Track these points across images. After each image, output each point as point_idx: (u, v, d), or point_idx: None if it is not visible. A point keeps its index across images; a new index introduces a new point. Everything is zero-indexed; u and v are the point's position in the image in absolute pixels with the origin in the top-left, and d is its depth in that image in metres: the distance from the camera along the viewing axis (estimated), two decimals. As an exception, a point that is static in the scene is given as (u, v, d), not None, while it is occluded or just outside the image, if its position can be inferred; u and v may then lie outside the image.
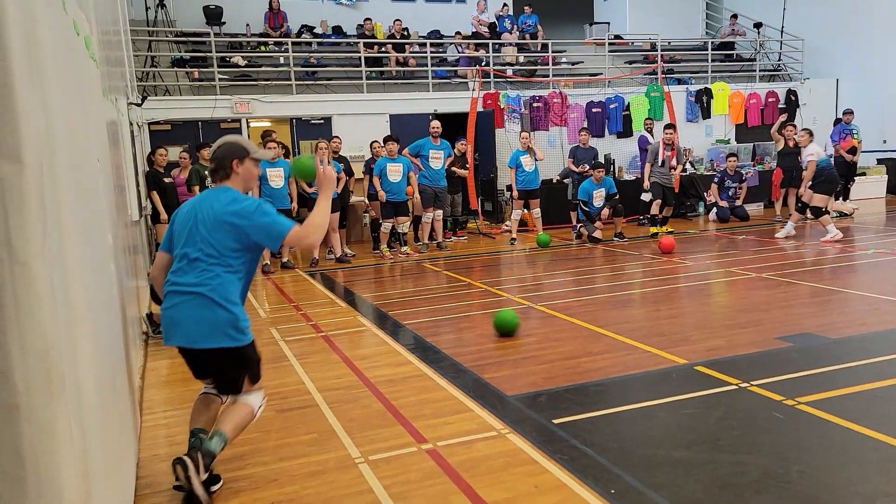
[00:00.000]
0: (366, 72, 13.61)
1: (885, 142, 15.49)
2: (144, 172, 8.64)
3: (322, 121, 12.97)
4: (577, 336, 5.46)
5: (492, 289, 7.55)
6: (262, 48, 14.42)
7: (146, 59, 12.73)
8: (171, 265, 3.23)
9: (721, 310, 6.30)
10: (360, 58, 13.72)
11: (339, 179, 9.92)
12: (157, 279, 3.37)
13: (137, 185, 6.77)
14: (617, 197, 10.74)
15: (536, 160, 10.86)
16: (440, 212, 10.68)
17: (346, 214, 10.63)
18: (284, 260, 9.61)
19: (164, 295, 3.20)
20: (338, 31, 15.71)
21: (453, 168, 11.09)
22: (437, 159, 10.45)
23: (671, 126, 11.11)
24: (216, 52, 12.90)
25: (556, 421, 3.74)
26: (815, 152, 9.91)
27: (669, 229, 11.08)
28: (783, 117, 12.65)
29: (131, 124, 7.31)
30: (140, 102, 9.84)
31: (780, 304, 6.15)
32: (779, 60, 18.15)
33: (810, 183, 9.91)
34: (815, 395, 3.89)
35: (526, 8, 16.57)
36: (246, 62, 13.69)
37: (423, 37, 15.73)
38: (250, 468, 3.41)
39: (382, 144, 10.28)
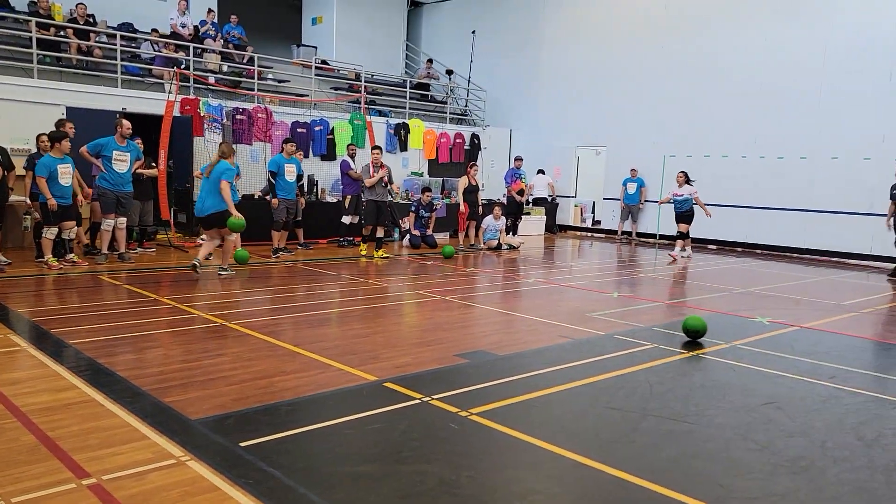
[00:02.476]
0: (38, 55, 11.84)
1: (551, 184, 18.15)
2: None
3: (-24, 104, 10.92)
4: (272, 355, 5.33)
5: (181, 305, 7.03)
6: None
7: None
8: None
9: (409, 329, 6.70)
10: (31, 38, 11.91)
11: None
12: None
13: None
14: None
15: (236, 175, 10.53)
16: (123, 219, 9.67)
17: (3, 215, 9.03)
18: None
19: None
20: (3, 4, 13.46)
21: (139, 171, 10.18)
22: (123, 161, 9.48)
23: (378, 147, 11.72)
24: None
25: (243, 444, 3.58)
26: (691, 192, 12.76)
27: (385, 254, 11.54)
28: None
29: None
30: None
31: (459, 325, 6.76)
32: (465, 106, 20.23)
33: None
34: (485, 406, 4.31)
35: (232, 18, 16.06)
36: None
37: (113, 28, 14.25)
38: None
39: (49, 143, 8.94)
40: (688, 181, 12.83)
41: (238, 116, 13.60)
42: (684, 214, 12.86)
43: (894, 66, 12.99)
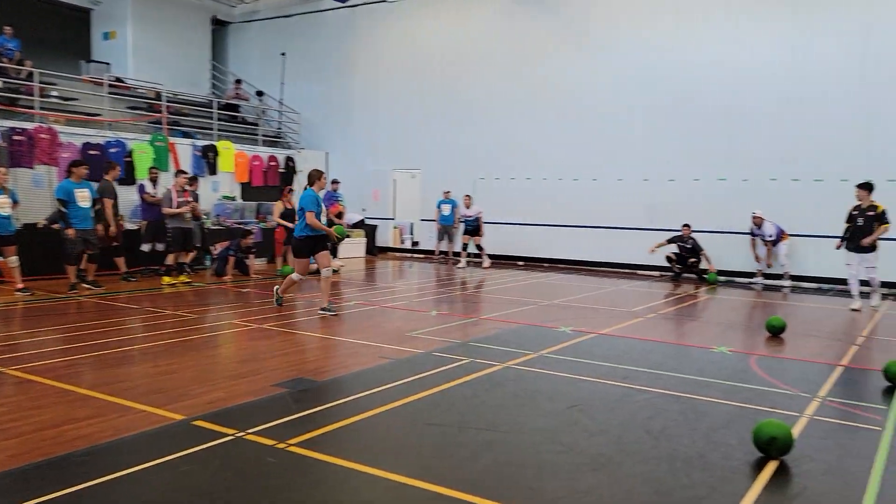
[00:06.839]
0: None
1: (364, 210, 18.23)
2: None
3: None
4: (61, 402, 4.79)
5: (-55, 354, 6.10)
6: None
7: None
8: None
9: (223, 361, 6.36)
10: None
11: None
12: None
13: None
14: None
15: (15, 202, 9.45)
16: None
17: None
18: None
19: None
20: None
21: None
22: None
23: (183, 171, 11.27)
24: None
25: (24, 505, 3.17)
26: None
27: (187, 279, 11.12)
28: None
29: None
30: None
31: (277, 353, 6.54)
32: (279, 128, 19.80)
33: None
34: (304, 436, 4.19)
35: (6, 29, 14.42)
36: None
37: None
38: None
39: None
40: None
41: (16, 137, 12.16)
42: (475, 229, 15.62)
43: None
